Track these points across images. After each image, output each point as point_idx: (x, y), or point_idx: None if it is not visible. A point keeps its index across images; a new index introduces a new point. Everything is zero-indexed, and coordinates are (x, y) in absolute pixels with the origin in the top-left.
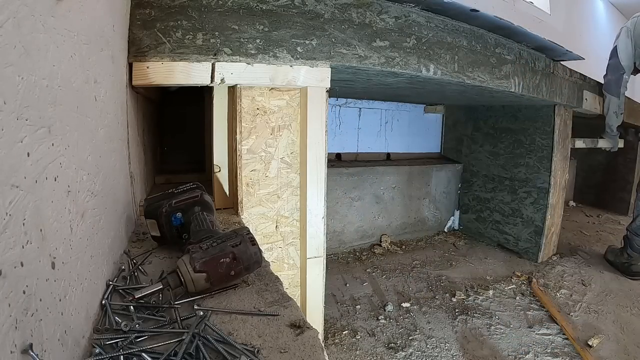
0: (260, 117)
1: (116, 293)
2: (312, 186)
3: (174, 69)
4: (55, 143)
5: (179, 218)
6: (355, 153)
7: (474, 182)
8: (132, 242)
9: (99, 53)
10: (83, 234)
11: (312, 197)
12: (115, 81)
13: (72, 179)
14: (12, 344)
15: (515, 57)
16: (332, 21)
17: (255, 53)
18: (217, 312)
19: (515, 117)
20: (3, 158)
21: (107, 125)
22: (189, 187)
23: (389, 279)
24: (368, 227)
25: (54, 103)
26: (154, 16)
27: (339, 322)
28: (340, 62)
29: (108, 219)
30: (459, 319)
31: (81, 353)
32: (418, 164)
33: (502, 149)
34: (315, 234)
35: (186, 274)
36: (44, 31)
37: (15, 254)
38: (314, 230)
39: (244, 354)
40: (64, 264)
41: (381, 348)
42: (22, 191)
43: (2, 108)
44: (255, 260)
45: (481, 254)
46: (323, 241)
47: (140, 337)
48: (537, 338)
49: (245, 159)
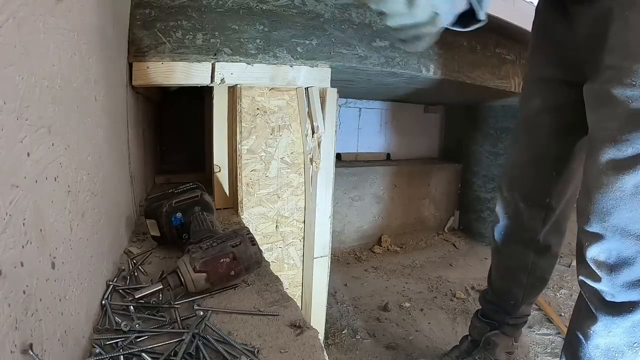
0: (260, 117)
1: (116, 293)
2: (322, 186)
3: (174, 69)
4: (55, 143)
5: (179, 218)
6: (355, 153)
7: (474, 182)
8: (132, 242)
9: (99, 53)
10: (83, 234)
11: (321, 196)
12: (115, 81)
13: (72, 179)
14: (12, 344)
15: (515, 57)
16: (332, 21)
17: (255, 53)
18: (217, 312)
19: (515, 117)
20: (3, 158)
21: (107, 125)
22: (189, 187)
23: (389, 279)
24: (368, 227)
25: (54, 103)
26: (154, 16)
27: (339, 322)
28: (341, 62)
29: (108, 219)
30: (459, 320)
31: (81, 353)
32: (418, 164)
33: (502, 149)
34: (322, 233)
35: (186, 274)
36: (44, 31)
37: (15, 254)
38: (321, 229)
39: (244, 354)
40: (64, 264)
41: (381, 348)
42: (22, 191)
43: (2, 108)
44: (255, 260)
45: (481, 254)
46: (329, 240)
47: (140, 337)
48: (537, 338)
49: (245, 159)
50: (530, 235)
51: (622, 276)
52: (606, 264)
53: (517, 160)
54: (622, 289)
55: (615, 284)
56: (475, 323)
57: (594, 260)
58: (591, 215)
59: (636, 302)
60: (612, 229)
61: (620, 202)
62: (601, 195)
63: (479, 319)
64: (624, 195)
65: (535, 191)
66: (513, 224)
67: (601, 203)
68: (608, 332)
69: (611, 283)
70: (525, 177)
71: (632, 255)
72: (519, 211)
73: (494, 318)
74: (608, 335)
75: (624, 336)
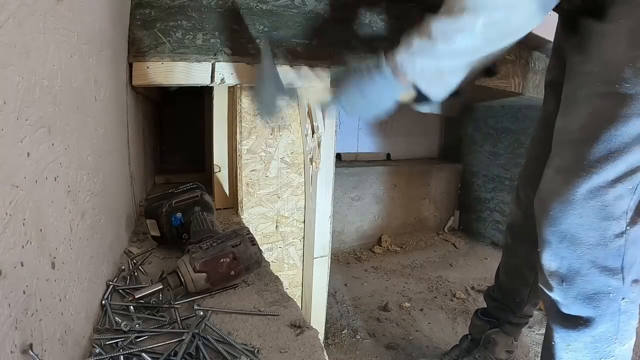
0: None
1: (116, 293)
2: (322, 186)
3: (174, 69)
4: (55, 143)
5: (179, 218)
6: (355, 153)
7: (474, 182)
8: (132, 242)
9: (99, 53)
10: (83, 234)
11: (321, 196)
12: (115, 81)
13: (72, 179)
14: (12, 344)
15: (515, 57)
16: (332, 21)
17: (256, 53)
18: (217, 312)
19: (515, 117)
20: (3, 158)
21: (107, 125)
22: (189, 187)
23: (389, 279)
24: (368, 227)
25: (54, 103)
26: (154, 16)
27: (339, 322)
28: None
29: (108, 219)
30: (459, 320)
31: (81, 353)
32: (418, 164)
33: (502, 149)
34: (323, 233)
35: (186, 274)
36: (44, 31)
37: (15, 254)
38: (321, 229)
39: (244, 354)
40: (64, 264)
41: (381, 348)
42: (22, 191)
43: (2, 108)
44: (255, 260)
45: (481, 254)
46: (329, 240)
47: (140, 337)
48: (537, 338)
49: (245, 159)
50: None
51: (574, 288)
52: (557, 273)
53: (531, 154)
54: (575, 302)
55: (567, 295)
56: (475, 322)
57: (547, 268)
58: (543, 220)
59: (592, 317)
60: (560, 235)
61: (570, 208)
62: (552, 200)
63: (479, 318)
64: (575, 200)
65: None
66: (524, 222)
67: (552, 209)
68: (567, 345)
69: (563, 294)
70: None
71: (584, 265)
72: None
73: (497, 316)
74: (568, 349)
75: (586, 352)
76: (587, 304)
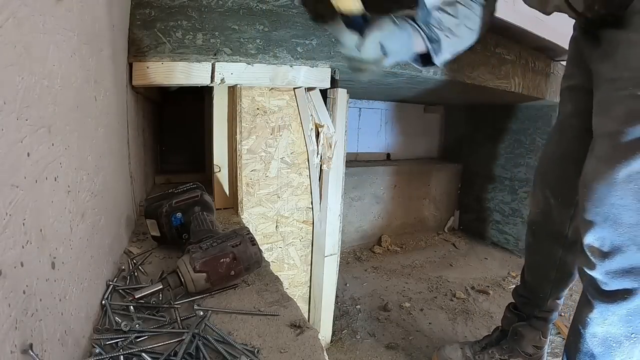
0: (260, 117)
1: (116, 293)
2: (333, 185)
3: (174, 69)
4: (55, 143)
5: (179, 218)
6: (355, 153)
7: (474, 182)
8: (132, 242)
9: (99, 53)
10: (83, 234)
11: (332, 195)
12: (115, 81)
13: (72, 179)
14: (12, 344)
15: (515, 57)
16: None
17: (255, 53)
18: (217, 312)
19: (515, 117)
20: (3, 158)
21: (107, 125)
22: (189, 187)
23: (389, 279)
24: (368, 227)
25: (54, 103)
26: (154, 16)
27: (339, 322)
28: (341, 62)
29: (108, 219)
30: (459, 320)
31: (81, 353)
32: (418, 164)
33: (502, 149)
34: (333, 232)
35: (186, 274)
36: (44, 31)
37: (15, 254)
38: (332, 228)
39: (244, 354)
40: (64, 264)
41: (381, 348)
42: (22, 191)
43: (2, 108)
44: (255, 260)
45: (481, 254)
46: (339, 239)
47: (140, 337)
48: None
49: (245, 159)
50: (558, 230)
51: (614, 263)
52: (600, 251)
53: (548, 154)
54: (615, 276)
55: (608, 271)
56: (507, 314)
57: (589, 247)
58: (587, 203)
59: (630, 289)
60: (604, 216)
61: (612, 190)
62: (596, 184)
63: (510, 311)
64: (617, 183)
65: (564, 188)
66: (543, 220)
67: (596, 192)
68: (604, 319)
69: (604, 270)
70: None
71: (624, 242)
72: (549, 206)
73: (524, 310)
74: (604, 324)
75: (621, 325)
76: (626, 277)
